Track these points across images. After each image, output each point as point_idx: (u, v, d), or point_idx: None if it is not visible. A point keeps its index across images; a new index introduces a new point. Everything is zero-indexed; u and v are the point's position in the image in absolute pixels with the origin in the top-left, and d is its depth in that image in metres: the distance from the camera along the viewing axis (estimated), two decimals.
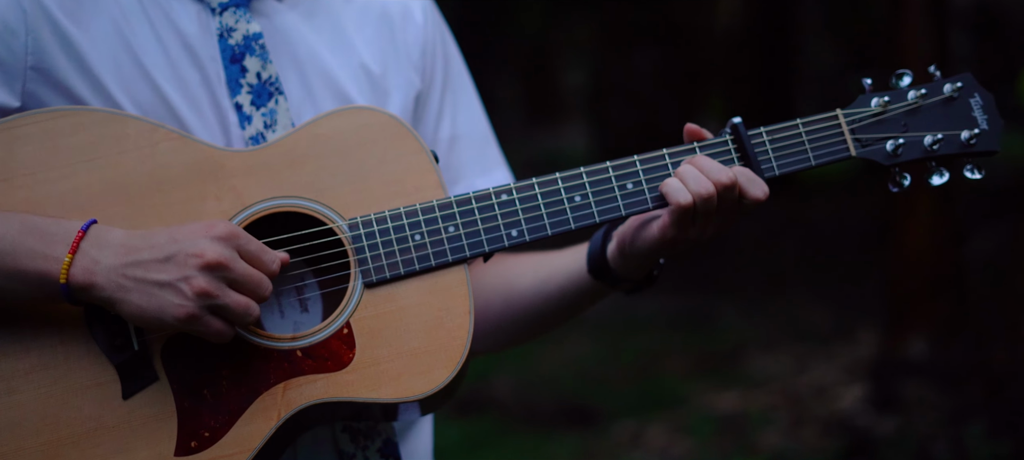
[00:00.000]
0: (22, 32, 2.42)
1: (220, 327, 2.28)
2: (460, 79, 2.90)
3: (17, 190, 2.37)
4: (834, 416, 8.14)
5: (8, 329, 2.32)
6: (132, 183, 2.41)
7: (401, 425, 2.70)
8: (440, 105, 2.84)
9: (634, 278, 2.62)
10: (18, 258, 2.25)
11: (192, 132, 2.52)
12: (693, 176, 2.46)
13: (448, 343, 2.42)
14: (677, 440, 8.09)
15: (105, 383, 2.33)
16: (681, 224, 2.46)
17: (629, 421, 8.38)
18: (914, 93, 2.60)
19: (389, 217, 2.46)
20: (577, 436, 8.22)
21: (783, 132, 2.56)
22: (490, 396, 8.72)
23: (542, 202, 2.50)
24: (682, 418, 8.37)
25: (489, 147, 2.92)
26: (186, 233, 2.28)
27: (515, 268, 2.80)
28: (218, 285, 2.26)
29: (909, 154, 2.58)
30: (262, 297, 2.31)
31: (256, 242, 2.32)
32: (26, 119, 2.40)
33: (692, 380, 9.14)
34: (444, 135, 2.84)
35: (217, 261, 2.26)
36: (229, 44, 2.57)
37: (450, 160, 2.84)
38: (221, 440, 2.35)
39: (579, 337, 10.03)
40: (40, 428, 2.31)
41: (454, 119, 2.86)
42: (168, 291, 2.25)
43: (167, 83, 2.51)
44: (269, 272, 2.33)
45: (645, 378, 9.23)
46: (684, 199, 2.44)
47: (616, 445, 8.13)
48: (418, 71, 2.78)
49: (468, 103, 2.90)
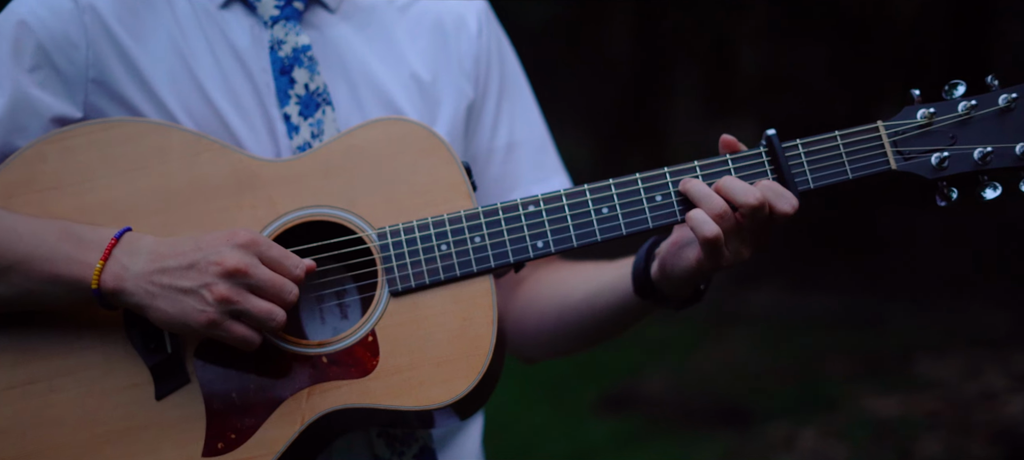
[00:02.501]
0: (83, 46, 2.53)
1: (244, 332, 2.35)
2: (517, 87, 2.91)
3: (67, 197, 2.49)
4: (1000, 425, 7.86)
5: (53, 331, 2.44)
6: (174, 192, 2.50)
7: (443, 432, 2.73)
8: (496, 113, 2.86)
9: (680, 296, 2.60)
10: (56, 264, 2.36)
11: (243, 142, 2.60)
12: (716, 205, 2.43)
13: (470, 352, 2.45)
14: (831, 445, 7.92)
15: (140, 384, 2.43)
16: (712, 254, 2.44)
17: (782, 423, 8.24)
18: (965, 104, 2.51)
19: (417, 227, 2.49)
20: (727, 436, 8.12)
21: (820, 144, 2.51)
22: (640, 393, 8.69)
23: (569, 213, 2.51)
24: (838, 422, 8.19)
25: (547, 154, 2.93)
26: (209, 241, 2.36)
27: (569, 279, 2.81)
28: (238, 291, 2.33)
29: (957, 167, 2.49)
30: (286, 302, 2.37)
31: (279, 248, 2.38)
32: (78, 130, 2.52)
33: (852, 383, 8.92)
34: (500, 143, 2.86)
35: (236, 268, 2.33)
36: (279, 56, 2.64)
37: (507, 168, 2.86)
38: (247, 442, 2.42)
39: (736, 334, 9.89)
40: (79, 425, 2.42)
41: (511, 127, 2.88)
42: (191, 297, 2.33)
43: (219, 95, 2.60)
44: (293, 277, 2.39)
45: (803, 379, 9.05)
46: (709, 232, 2.41)
47: (767, 447, 8.00)
48: (471, 80, 2.81)
49: (525, 110, 2.91)
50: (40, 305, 2.41)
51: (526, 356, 2.93)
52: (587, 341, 2.83)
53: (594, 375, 8.95)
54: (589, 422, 8.25)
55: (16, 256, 2.36)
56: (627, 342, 9.49)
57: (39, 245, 2.37)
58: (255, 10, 2.66)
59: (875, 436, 7.93)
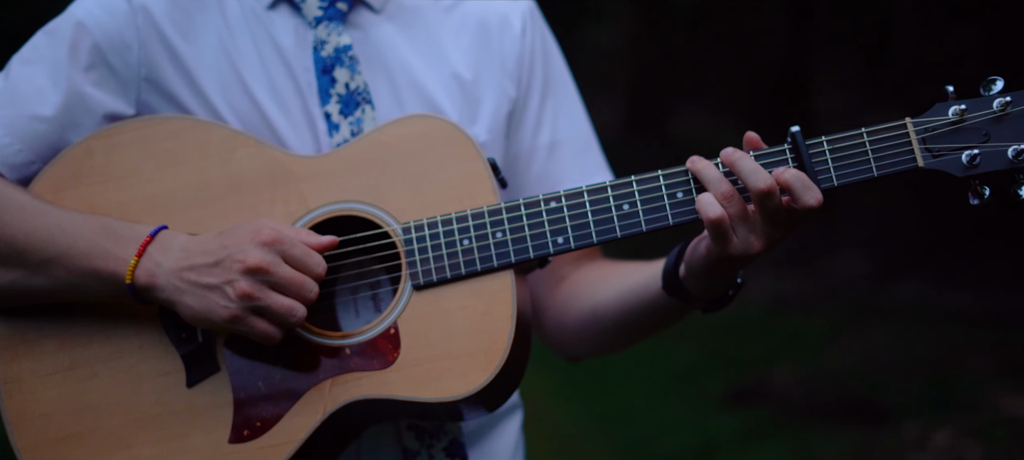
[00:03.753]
0: (135, 47, 2.64)
1: (265, 328, 2.43)
2: (562, 86, 2.94)
3: (111, 192, 2.60)
4: None
5: (93, 320, 2.55)
6: (211, 187, 2.59)
7: (476, 425, 2.77)
8: (539, 112, 2.88)
9: (707, 297, 2.59)
10: (94, 258, 2.47)
11: (285, 139, 2.68)
12: (724, 188, 2.41)
13: (489, 347, 2.48)
14: (967, 445, 7.72)
15: (173, 372, 2.53)
16: (719, 239, 2.42)
17: (916, 421, 8.06)
18: (1001, 101, 2.44)
19: (440, 222, 2.54)
20: (858, 433, 7.98)
21: (846, 141, 2.47)
22: (769, 387, 8.59)
23: (590, 209, 2.52)
24: (976, 421, 7.97)
25: (590, 152, 2.94)
26: (235, 239, 2.44)
27: (607, 278, 2.83)
28: (260, 288, 2.41)
29: (989, 165, 2.43)
30: (307, 299, 2.44)
31: (301, 247, 2.45)
32: (124, 127, 2.63)
33: (993, 381, 8.68)
34: (543, 141, 2.88)
35: (257, 265, 2.41)
36: (321, 56, 2.72)
37: (549, 166, 2.89)
38: (271, 430, 2.49)
39: (872, 328, 9.69)
40: (115, 410, 2.53)
41: (554, 126, 2.90)
42: (215, 293, 2.42)
43: (263, 93, 2.68)
44: (314, 275, 2.45)
45: (940, 376, 8.83)
46: (713, 213, 2.39)
47: (900, 446, 7.84)
48: (513, 80, 2.84)
49: (569, 110, 2.93)
50: (80, 296, 2.52)
51: (570, 353, 2.95)
52: (622, 340, 2.83)
53: (723, 367, 8.88)
54: (714, 415, 8.19)
55: (58, 249, 2.47)
56: (759, 334, 9.40)
57: (79, 239, 2.48)
58: (300, 11, 2.74)
59: (1014, 437, 7.71)
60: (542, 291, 2.92)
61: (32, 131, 2.60)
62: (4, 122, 2.59)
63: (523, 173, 2.88)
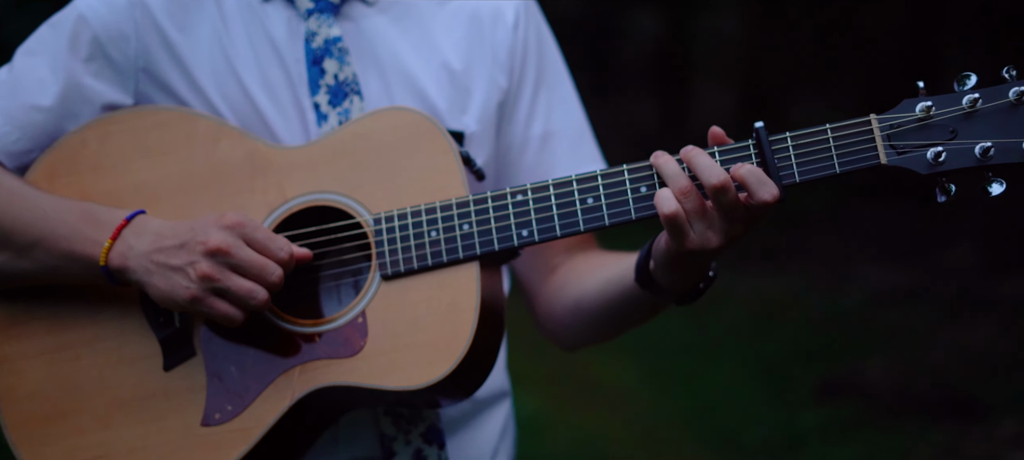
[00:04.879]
0: (133, 39, 2.74)
1: (226, 309, 2.50)
2: (556, 77, 2.96)
3: (102, 180, 2.70)
4: None
5: (80, 303, 2.66)
6: (195, 176, 2.68)
7: (457, 412, 2.81)
8: (532, 104, 2.91)
9: (677, 290, 2.59)
10: (72, 241, 2.57)
11: (275, 129, 2.75)
12: (681, 183, 2.41)
13: (452, 337, 2.52)
14: None
15: (151, 355, 2.62)
16: (674, 233, 2.42)
17: (1015, 419, 7.85)
18: (970, 97, 2.40)
19: (410, 213, 2.58)
20: (952, 430, 7.80)
21: (809, 137, 2.45)
22: (860, 380, 8.44)
23: (555, 203, 2.53)
24: None
25: (584, 144, 2.96)
26: (201, 222, 2.52)
27: (592, 268, 2.84)
28: (220, 269, 2.49)
29: (955, 162, 2.39)
30: (269, 283, 2.51)
31: (264, 231, 2.52)
32: (116, 117, 2.73)
33: None
34: (536, 132, 2.91)
35: (217, 247, 2.48)
36: (312, 47, 2.78)
37: (542, 157, 2.91)
38: (241, 415, 2.57)
39: (977, 323, 9.44)
40: (96, 391, 2.63)
41: (548, 117, 2.93)
42: (178, 274, 2.50)
43: (255, 84, 2.76)
44: (277, 260, 2.52)
45: None
46: (667, 208, 2.40)
47: (996, 443, 7.64)
48: (505, 71, 2.87)
49: (563, 101, 2.96)
50: (63, 279, 2.62)
51: (562, 343, 2.97)
52: (604, 331, 2.85)
53: (815, 360, 8.76)
54: (802, 408, 8.09)
55: (41, 233, 2.58)
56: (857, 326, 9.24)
57: (60, 224, 2.58)
58: (293, 3, 2.80)
59: None
60: (534, 280, 2.95)
61: (31, 121, 2.70)
62: (4, 112, 2.70)
63: (516, 164, 2.91)
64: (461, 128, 2.82)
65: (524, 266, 2.95)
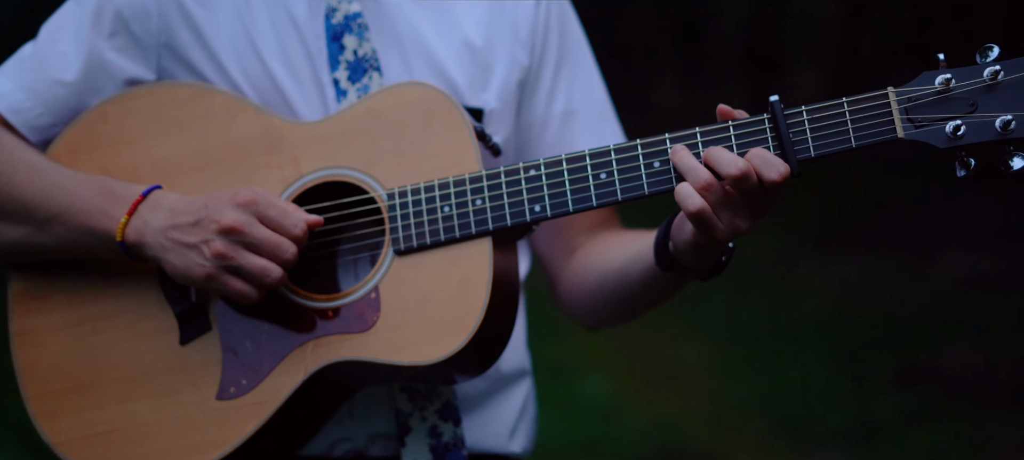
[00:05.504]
0: (155, 14, 2.75)
1: (240, 287, 2.51)
2: (579, 54, 2.93)
3: (121, 155, 2.73)
4: None
5: (99, 277, 2.69)
6: (212, 151, 2.69)
7: (474, 390, 2.79)
8: (553, 81, 2.89)
9: (699, 268, 2.55)
10: (90, 216, 2.60)
11: (295, 106, 2.76)
12: (702, 177, 2.38)
13: (463, 313, 2.50)
14: None
15: (168, 329, 2.64)
16: (704, 228, 2.39)
17: None
18: (991, 70, 2.33)
19: (423, 188, 2.57)
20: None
21: (826, 111, 2.40)
22: (941, 368, 8.26)
23: (568, 178, 2.51)
24: None
25: (606, 122, 2.93)
26: (215, 199, 2.53)
27: (612, 247, 2.82)
28: (234, 248, 2.49)
29: (975, 136, 2.32)
30: (283, 260, 2.51)
31: (279, 207, 2.52)
32: (137, 92, 2.75)
33: None
34: (557, 110, 2.89)
35: (231, 226, 2.49)
36: (332, 23, 2.78)
37: (563, 135, 2.89)
38: (255, 388, 2.58)
39: None
40: (115, 364, 2.66)
41: (569, 94, 2.91)
42: (193, 252, 2.51)
43: (275, 60, 2.76)
44: (292, 236, 2.52)
45: None
46: (693, 206, 2.37)
47: None
48: (526, 48, 2.85)
49: (585, 78, 2.93)
50: (82, 253, 2.65)
51: (584, 322, 2.95)
52: (625, 311, 2.82)
53: (897, 346, 8.59)
54: (881, 396, 7.94)
55: (60, 207, 2.61)
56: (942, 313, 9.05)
57: (78, 198, 2.61)
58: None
59: None
60: (555, 261, 2.93)
61: (54, 96, 2.73)
62: (29, 86, 2.73)
63: (536, 141, 2.89)
64: (480, 105, 2.81)
65: (545, 246, 2.93)
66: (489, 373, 2.71)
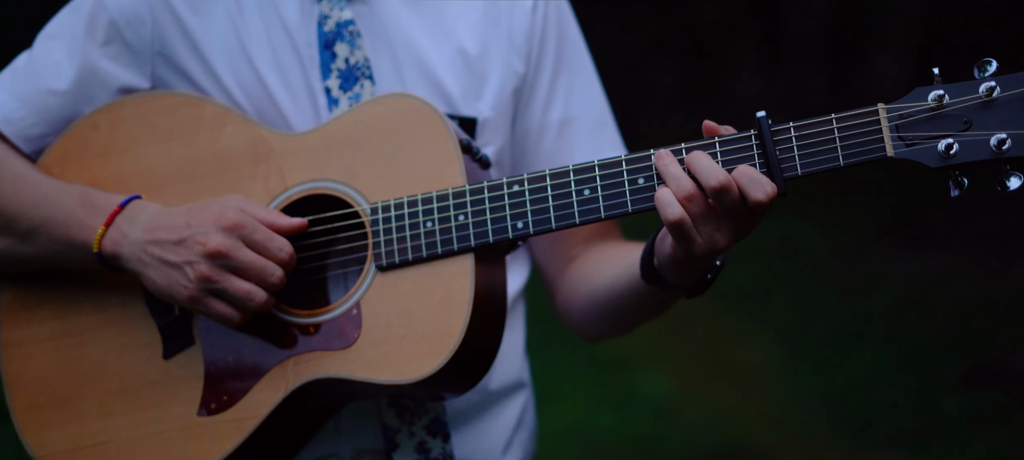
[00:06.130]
0: (149, 21, 2.73)
1: (224, 310, 2.48)
2: (577, 62, 2.87)
3: (111, 165, 2.71)
4: None
5: (84, 289, 2.67)
6: (200, 162, 2.66)
7: (464, 404, 2.74)
8: (550, 89, 2.83)
9: (683, 284, 2.47)
10: (69, 227, 2.58)
11: (287, 114, 2.72)
12: (684, 186, 2.30)
13: (444, 331, 2.45)
14: None
15: (152, 343, 2.62)
16: (681, 239, 2.31)
17: None
18: (986, 86, 2.22)
19: (406, 203, 2.52)
20: None
21: (814, 128, 2.30)
22: (1011, 369, 8.04)
23: (551, 194, 2.44)
24: None
25: (604, 130, 2.87)
26: (199, 219, 2.49)
27: (605, 260, 2.76)
28: (219, 272, 2.46)
29: (968, 155, 2.22)
30: (269, 284, 2.48)
31: (264, 231, 2.48)
32: (127, 101, 2.73)
33: None
34: (554, 118, 2.83)
35: (217, 250, 2.46)
36: (324, 31, 2.74)
37: (560, 143, 2.83)
38: (236, 404, 2.55)
39: None
40: (99, 377, 2.64)
41: (566, 102, 2.84)
42: (176, 272, 2.49)
43: (267, 68, 2.73)
44: (277, 260, 2.48)
45: None
46: (672, 216, 2.29)
47: None
48: (521, 55, 2.79)
49: (584, 86, 2.87)
50: (64, 264, 2.64)
51: (584, 335, 2.88)
52: (619, 324, 2.75)
53: (965, 346, 8.39)
54: (947, 397, 7.75)
55: (41, 218, 2.60)
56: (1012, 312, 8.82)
57: (59, 209, 2.60)
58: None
59: None
60: (553, 271, 2.87)
61: (46, 105, 2.72)
62: (22, 96, 2.72)
63: (533, 150, 2.83)
64: (474, 114, 2.75)
65: (543, 256, 2.87)
66: (479, 388, 2.65)
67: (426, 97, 2.69)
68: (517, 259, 2.87)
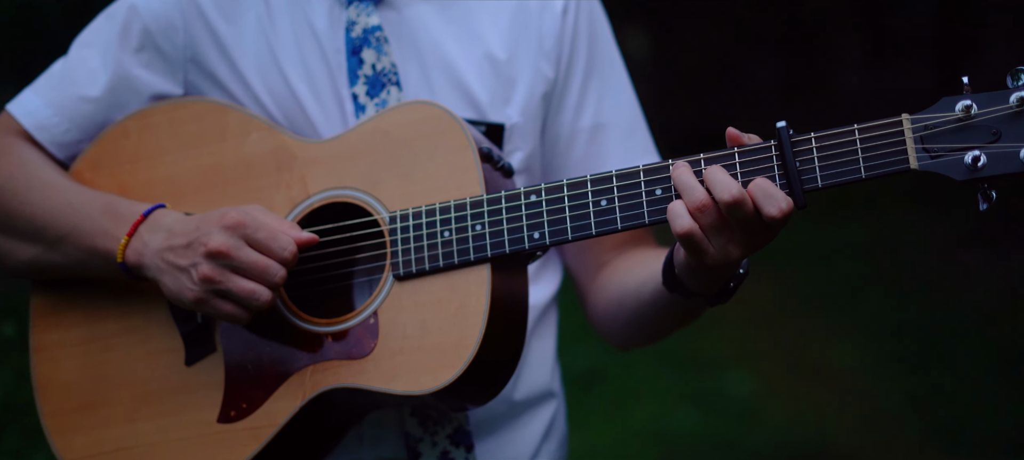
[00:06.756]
0: (181, 29, 2.74)
1: (230, 310, 2.47)
2: (610, 67, 2.82)
3: (140, 171, 2.72)
4: None
5: (111, 296, 2.68)
6: (224, 169, 2.66)
7: (488, 414, 2.70)
8: (581, 94, 2.78)
9: (703, 292, 2.41)
10: (95, 236, 2.59)
11: (314, 121, 2.71)
12: (696, 197, 2.24)
13: (459, 342, 2.41)
14: None
15: (175, 349, 2.62)
16: (693, 250, 2.26)
17: None
18: (1017, 96, 2.12)
19: (424, 212, 2.49)
20: None
21: (836, 139, 2.22)
22: None
23: (568, 204, 2.39)
24: None
25: (636, 135, 2.82)
26: (206, 222, 2.48)
27: (628, 270, 2.72)
28: (221, 272, 2.45)
29: (996, 168, 2.13)
30: (271, 282, 2.45)
31: (267, 230, 2.46)
32: (157, 109, 2.74)
33: None
34: (585, 124, 2.79)
35: (217, 250, 2.44)
36: (352, 37, 2.72)
37: (591, 149, 2.79)
38: (255, 412, 2.54)
39: None
40: (123, 383, 2.65)
41: (598, 107, 2.80)
42: (184, 275, 2.48)
43: (296, 75, 2.72)
44: (280, 259, 2.45)
45: None
46: (680, 227, 2.24)
47: None
48: (551, 61, 2.75)
49: (616, 91, 2.82)
50: (91, 272, 2.64)
51: (615, 342, 2.83)
52: (647, 332, 2.70)
53: None
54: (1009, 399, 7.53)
55: (68, 227, 2.61)
56: None
57: (85, 218, 2.60)
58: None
59: None
60: (585, 278, 2.83)
61: (79, 111, 2.74)
62: (56, 103, 2.74)
63: (564, 156, 2.79)
64: (502, 120, 2.71)
65: (574, 262, 2.83)
66: (503, 397, 2.61)
67: (453, 103, 2.66)
68: (549, 266, 2.82)
